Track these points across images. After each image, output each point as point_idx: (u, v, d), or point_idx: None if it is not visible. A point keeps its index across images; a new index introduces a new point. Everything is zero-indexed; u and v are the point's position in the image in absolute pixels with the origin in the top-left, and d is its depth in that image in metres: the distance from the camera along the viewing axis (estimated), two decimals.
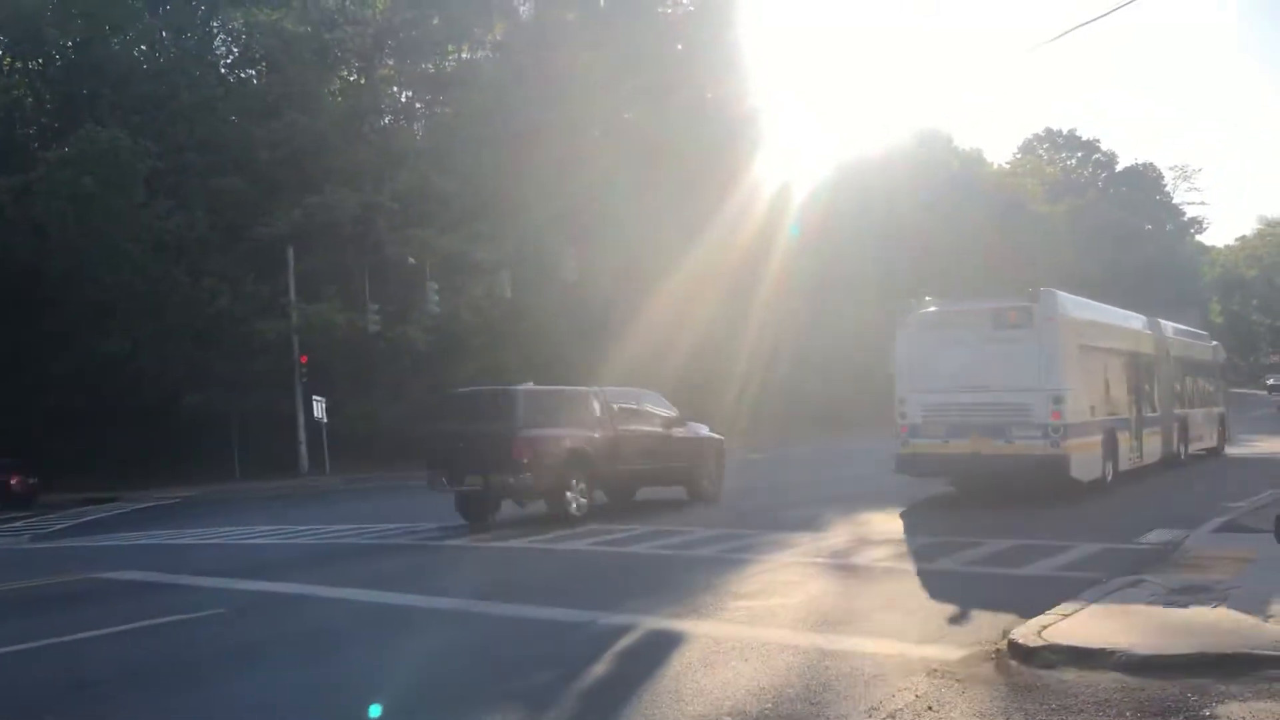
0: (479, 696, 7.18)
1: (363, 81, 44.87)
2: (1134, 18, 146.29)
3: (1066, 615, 8.19)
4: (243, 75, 44.94)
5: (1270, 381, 79.78)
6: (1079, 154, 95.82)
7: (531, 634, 8.97)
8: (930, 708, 6.33)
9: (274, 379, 34.11)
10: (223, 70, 44.15)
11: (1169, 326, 25.93)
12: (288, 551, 15.85)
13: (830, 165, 47.55)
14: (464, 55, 47.97)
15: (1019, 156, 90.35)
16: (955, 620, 8.76)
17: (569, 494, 17.03)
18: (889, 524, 15.53)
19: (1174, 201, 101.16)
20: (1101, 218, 78.85)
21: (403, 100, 48.66)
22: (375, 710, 6.80)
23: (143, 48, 42.74)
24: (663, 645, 8.20)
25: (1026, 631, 7.69)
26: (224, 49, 45.31)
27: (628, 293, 37.73)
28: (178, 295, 34.41)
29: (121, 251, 33.47)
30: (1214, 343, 30.52)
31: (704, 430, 20.60)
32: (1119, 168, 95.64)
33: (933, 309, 18.92)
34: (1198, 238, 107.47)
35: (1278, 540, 10.20)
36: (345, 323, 34.88)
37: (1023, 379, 17.27)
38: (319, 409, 32.98)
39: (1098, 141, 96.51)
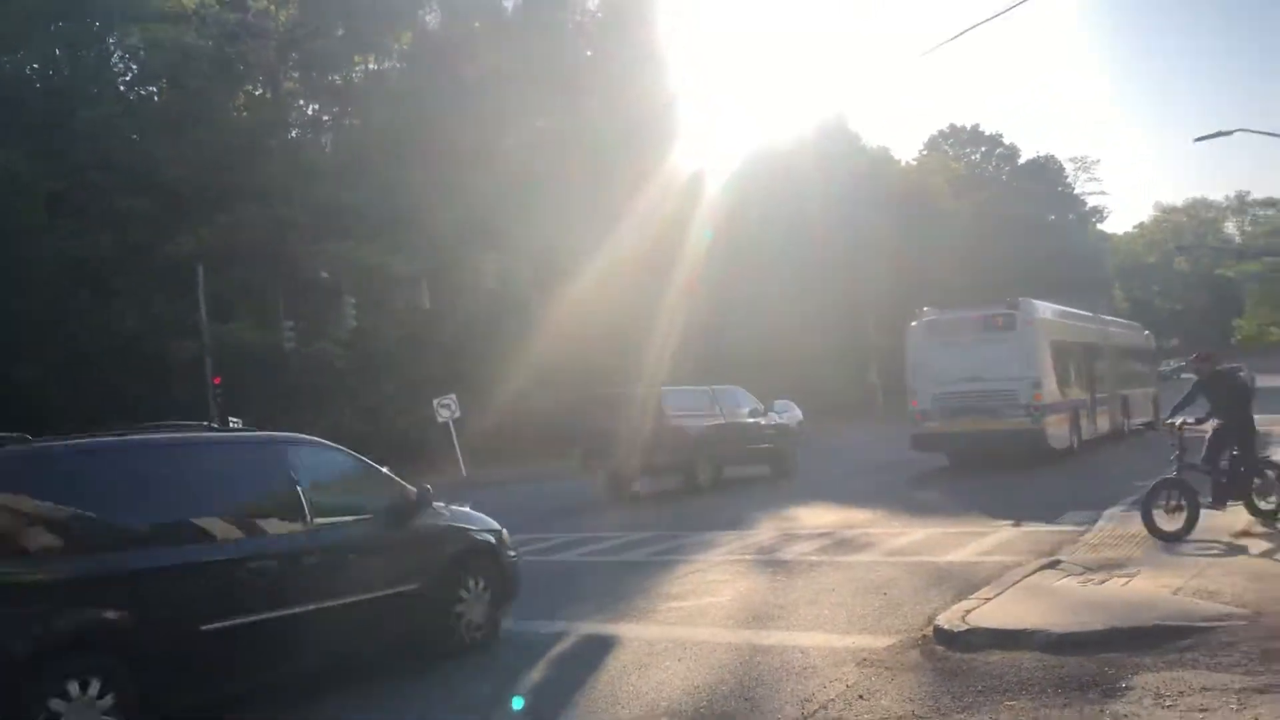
0: (414, 711, 7.17)
1: (268, 96, 44.04)
2: (1025, 13, 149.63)
3: (989, 599, 8.44)
4: (143, 92, 43.71)
5: (1161, 369, 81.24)
6: (982, 149, 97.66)
7: None
8: (861, 696, 6.48)
9: (191, 401, 33.19)
10: (122, 88, 42.94)
11: (1110, 320, 30.24)
12: None
13: (739, 161, 48.01)
14: (371, 66, 47.37)
15: (925, 153, 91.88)
16: (882, 610, 8.94)
17: (698, 471, 21.02)
18: (814, 519, 15.75)
19: (1075, 192, 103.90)
20: (1007, 210, 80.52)
21: (310, 113, 47.90)
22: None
23: (35, 66, 41.42)
24: (597, 650, 8.25)
25: (951, 617, 7.91)
26: (122, 66, 44.06)
27: (545, 294, 37.64)
28: (87, 319, 33.37)
29: (25, 276, 32.42)
30: (1146, 332, 34.28)
31: (778, 418, 24.41)
32: (1021, 161, 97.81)
33: (933, 317, 22.40)
34: (1099, 226, 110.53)
35: (1145, 527, 10.73)
36: (259, 341, 34.17)
37: (1009, 370, 20.81)
38: None
39: (1000, 136, 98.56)
